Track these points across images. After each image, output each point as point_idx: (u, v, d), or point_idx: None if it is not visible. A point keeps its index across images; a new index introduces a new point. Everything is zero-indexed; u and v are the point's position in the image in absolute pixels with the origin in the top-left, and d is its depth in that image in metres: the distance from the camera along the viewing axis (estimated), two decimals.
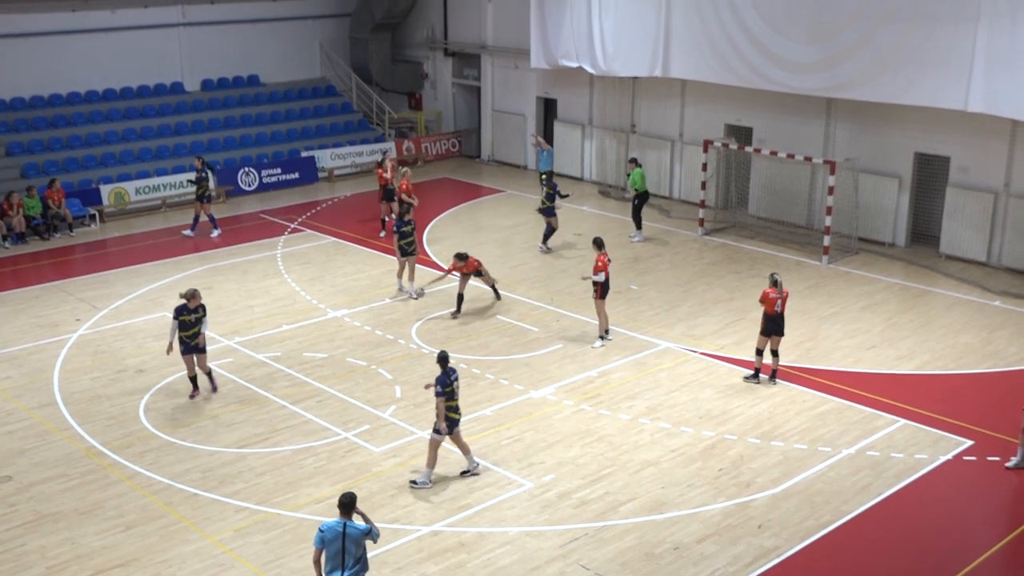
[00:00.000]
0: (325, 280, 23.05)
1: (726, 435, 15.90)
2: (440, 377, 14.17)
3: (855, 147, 25.62)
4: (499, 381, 17.78)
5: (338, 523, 10.56)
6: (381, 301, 21.64)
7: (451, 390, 14.18)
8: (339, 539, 10.49)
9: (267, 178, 31.16)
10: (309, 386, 17.58)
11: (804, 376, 18.00)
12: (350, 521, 10.58)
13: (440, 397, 14.08)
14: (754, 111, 27.61)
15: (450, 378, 14.19)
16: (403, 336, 19.80)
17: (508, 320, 20.63)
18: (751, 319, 20.60)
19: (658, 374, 18.10)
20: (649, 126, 30.38)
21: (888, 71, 23.50)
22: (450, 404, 14.24)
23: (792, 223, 26.74)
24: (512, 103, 34.06)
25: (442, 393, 14.09)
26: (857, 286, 22.66)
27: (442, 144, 35.72)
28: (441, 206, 29.36)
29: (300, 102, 35.00)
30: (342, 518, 10.60)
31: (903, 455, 15.28)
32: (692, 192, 28.73)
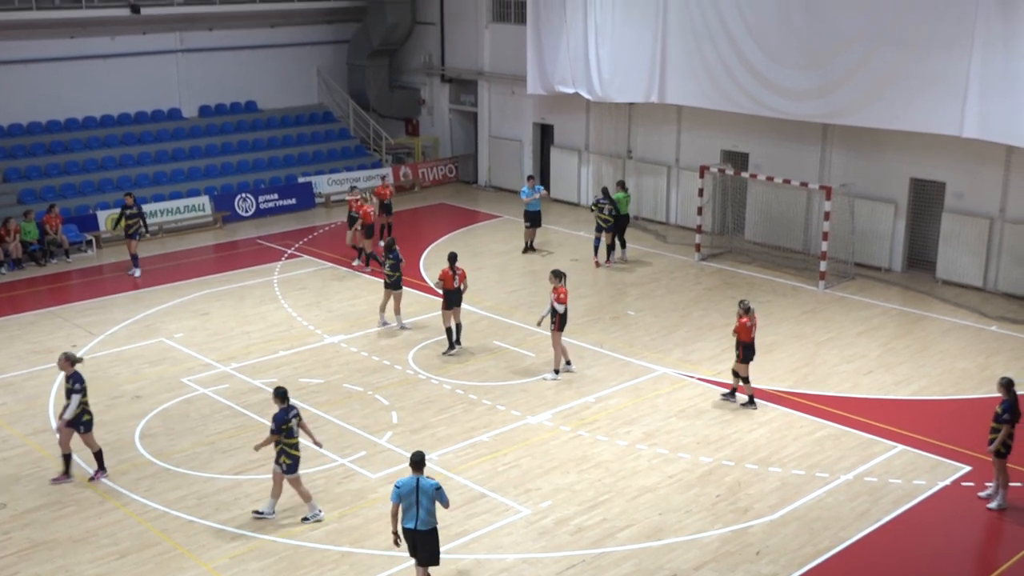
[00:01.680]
0: (322, 306, 23.04)
1: (724, 461, 15.86)
2: (278, 414, 13.76)
3: (851, 173, 25.71)
4: (496, 407, 17.75)
5: (412, 479, 11.99)
6: (378, 327, 21.61)
7: (289, 427, 13.75)
8: (413, 493, 11.93)
9: (264, 204, 31.20)
10: (305, 412, 17.50)
11: (801, 402, 17.99)
12: (422, 476, 11.96)
13: (275, 434, 13.74)
14: (750, 137, 27.72)
15: (288, 415, 13.76)
16: (400, 362, 19.76)
17: (505, 345, 20.61)
18: None
19: (655, 400, 18.08)
20: (645, 152, 30.48)
21: (883, 97, 23.62)
22: (290, 442, 13.81)
23: (788, 248, 26.79)
24: (509, 129, 34.18)
25: (278, 431, 13.70)
26: (854, 311, 22.68)
27: (439, 170, 35.80)
28: (438, 232, 29.39)
29: (297, 128, 35.09)
30: (415, 474, 11.99)
31: (901, 481, 15.25)
32: (688, 217, 28.79)
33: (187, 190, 30.82)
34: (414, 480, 12.02)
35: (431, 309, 22.46)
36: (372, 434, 16.71)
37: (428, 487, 11.96)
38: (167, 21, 32.31)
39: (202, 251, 27.09)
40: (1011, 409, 14.32)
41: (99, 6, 30.84)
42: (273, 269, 25.64)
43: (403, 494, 12.00)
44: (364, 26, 36.04)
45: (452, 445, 16.16)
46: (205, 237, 28.97)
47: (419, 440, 16.32)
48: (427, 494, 11.94)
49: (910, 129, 23.64)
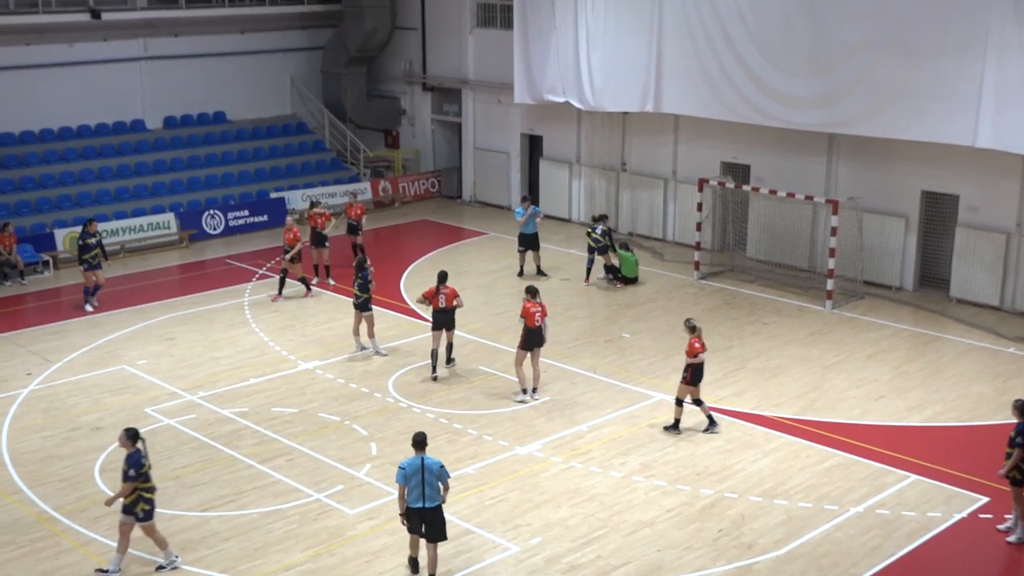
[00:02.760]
0: (296, 330, 23.00)
1: (726, 493, 15.86)
2: (133, 457, 13.36)
3: (859, 185, 25.83)
4: (482, 437, 17.73)
5: (416, 459, 13.11)
6: (356, 352, 21.58)
7: (146, 471, 13.48)
8: (419, 472, 13.04)
9: (234, 221, 31.18)
10: (278, 443, 17.47)
11: (808, 429, 18.01)
12: (426, 456, 13.10)
13: (130, 482, 13.33)
14: (751, 148, 27.84)
15: (143, 458, 13.42)
16: (379, 389, 19.73)
17: (491, 371, 20.60)
18: (752, 368, 20.66)
19: (652, 428, 18.08)
20: (641, 164, 30.58)
21: (892, 105, 23.77)
22: (146, 487, 13.51)
23: (793, 266, 26.88)
24: (495, 140, 34.26)
25: (136, 476, 13.32)
26: (863, 333, 22.74)
27: (421, 184, 35.85)
28: (420, 250, 29.41)
29: (269, 140, 35.11)
30: (418, 454, 13.11)
31: (915, 513, 15.27)
32: (687, 234, 28.88)
33: (151, 207, 30.78)
34: (419, 460, 13.13)
35: (412, 332, 22.45)
36: (350, 467, 16.66)
37: (432, 465, 13.15)
38: (130, 27, 32.34)
39: (167, 272, 27.03)
40: (1021, 432, 14.33)
41: (57, 11, 30.88)
42: (243, 291, 25.58)
43: (409, 474, 13.08)
44: (340, 32, 36.15)
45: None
46: (170, 257, 28.92)
47: None
48: (432, 472, 13.12)
49: (921, 139, 23.78)
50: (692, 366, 17.59)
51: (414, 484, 13.11)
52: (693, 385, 17.70)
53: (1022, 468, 14.38)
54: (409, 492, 13.15)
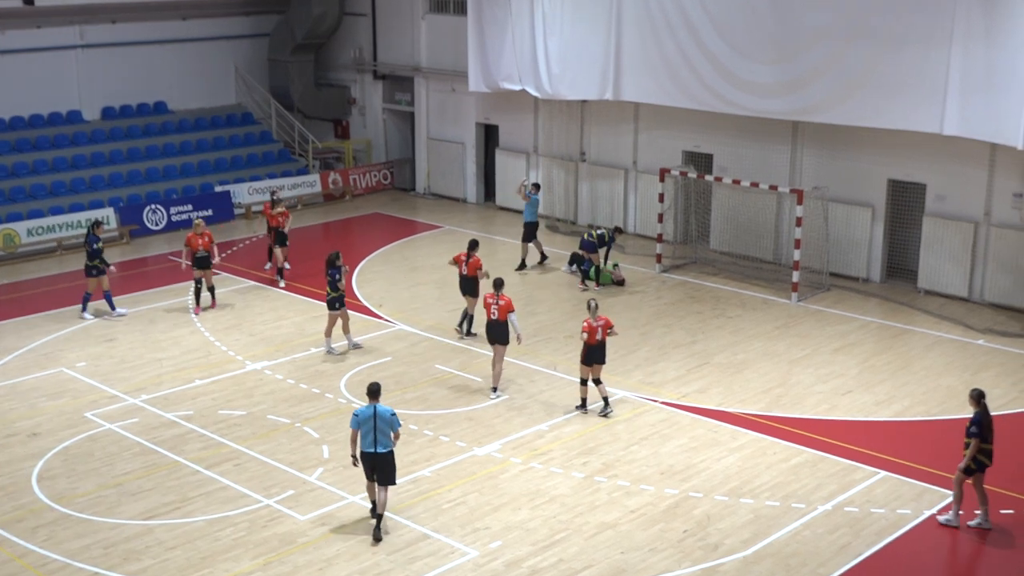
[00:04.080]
0: (243, 329, 22.85)
1: (690, 492, 15.93)
2: None
3: (824, 175, 26.02)
4: (439, 438, 17.69)
5: (369, 407, 14.53)
6: (306, 351, 21.47)
7: None
8: (371, 419, 14.44)
9: (176, 216, 30.91)
10: (226, 448, 17.35)
11: (774, 426, 18.12)
12: (379, 404, 14.53)
13: None
14: (714, 137, 27.96)
15: None
16: (331, 390, 19.64)
17: (448, 370, 20.56)
18: (716, 364, 20.76)
19: (615, 427, 18.12)
20: (600, 154, 30.63)
21: (858, 93, 23.95)
22: None
23: (758, 258, 27.04)
24: (449, 130, 34.19)
25: None
26: (830, 326, 22.92)
27: (372, 176, 35.71)
28: (372, 244, 29.29)
29: (213, 131, 34.84)
30: (372, 403, 14.54)
31: (884, 510, 15.41)
32: (648, 225, 28.97)
33: (89, 201, 30.43)
34: (372, 408, 14.52)
35: (365, 330, 22.35)
36: (301, 471, 16.57)
37: (384, 413, 14.52)
38: (65, 13, 31.94)
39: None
40: (979, 423, 14.66)
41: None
42: (188, 289, 25.38)
43: (362, 420, 14.50)
44: (286, 18, 35.92)
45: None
46: (110, 254, 28.49)
47: (354, 476, 16.20)
48: (384, 419, 14.46)
49: (887, 127, 23.98)
50: (587, 347, 18.21)
51: (366, 430, 14.48)
52: (585, 364, 18.34)
53: (978, 458, 14.68)
54: (362, 438, 14.54)
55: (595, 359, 18.44)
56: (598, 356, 18.44)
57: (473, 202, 33.91)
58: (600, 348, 18.41)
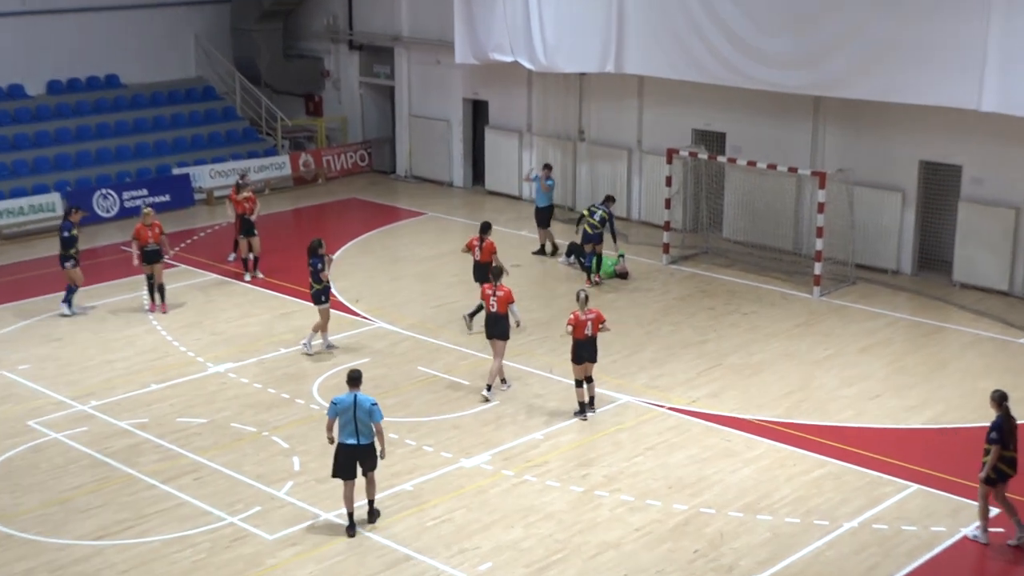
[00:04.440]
0: (204, 327, 22.80)
1: (702, 508, 15.91)
2: None
3: (849, 156, 26.01)
4: (422, 448, 17.66)
5: (349, 396, 14.82)
6: (275, 352, 21.42)
7: None
8: (350, 409, 14.77)
9: (130, 201, 30.84)
10: (185, 459, 17.30)
11: (794, 434, 18.11)
12: (359, 393, 14.82)
13: None
14: (727, 114, 27.94)
15: None
16: (302, 395, 19.59)
17: (433, 372, 20.52)
18: (730, 365, 20.75)
19: (618, 435, 18.09)
20: (601, 133, 30.59)
21: (885, 65, 23.92)
22: None
23: (776, 248, 27.03)
24: (433, 106, 34.13)
25: None
26: (856, 323, 22.92)
27: (348, 157, 35.65)
28: (348, 233, 29.24)
29: (171, 107, 34.77)
30: (352, 391, 14.83)
31: (916, 528, 15.40)
32: (654, 212, 28.94)
33: (32, 186, 30.34)
34: (351, 397, 14.81)
35: (338, 329, 22.29)
36: (268, 485, 16.54)
37: (365, 402, 14.78)
38: None
39: (52, 261, 26.51)
40: (1000, 427, 14.73)
41: None
42: (142, 282, 25.29)
43: (341, 410, 14.82)
44: None
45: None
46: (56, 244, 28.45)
47: (327, 491, 16.16)
48: (364, 409, 14.75)
49: (918, 103, 23.96)
50: (576, 343, 18.32)
51: (345, 420, 14.82)
52: (575, 363, 18.44)
53: (999, 467, 14.73)
54: (341, 428, 14.88)
55: (585, 356, 18.48)
56: (588, 353, 18.48)
57: (460, 186, 33.86)
58: (590, 344, 18.45)
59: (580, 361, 18.47)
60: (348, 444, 14.87)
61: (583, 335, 18.32)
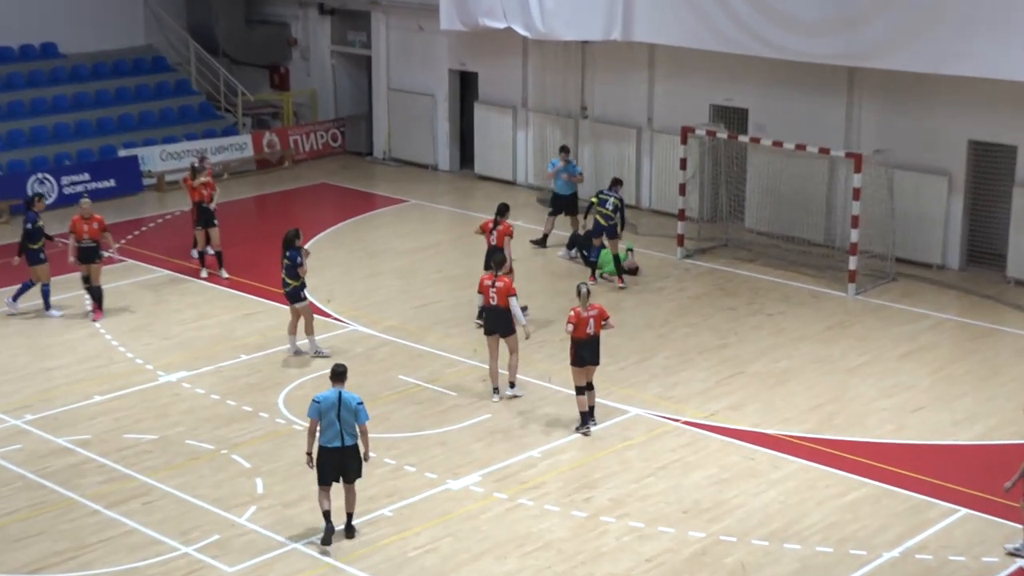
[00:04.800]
0: (155, 330, 22.80)
1: (721, 536, 15.93)
2: None
3: (888, 135, 26.03)
4: (403, 467, 17.65)
5: (333, 392, 15.19)
6: (234, 359, 21.41)
7: None
8: (334, 408, 15.09)
9: (69, 188, 30.82)
10: (133, 481, 17.28)
11: (826, 451, 18.11)
12: (344, 390, 15.19)
13: None
14: (750, 87, 27.96)
15: None
16: (266, 407, 19.59)
17: (415, 381, 20.52)
18: (753, 373, 20.77)
19: (625, 453, 18.10)
20: (606, 109, 30.60)
21: (929, 31, 23.92)
22: None
23: (805, 240, 27.05)
24: (416, 79, 34.12)
25: None
26: (896, 325, 22.96)
27: (318, 137, 35.65)
28: (317, 224, 29.22)
29: (116, 81, 34.77)
30: (336, 387, 15.21)
31: (965, 558, 15.42)
32: (667, 199, 28.95)
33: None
34: (335, 394, 15.16)
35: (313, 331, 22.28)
36: (228, 510, 16.53)
37: (351, 401, 15.15)
38: None
39: None
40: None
41: None
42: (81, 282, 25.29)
43: (323, 409, 15.12)
44: None
45: (342, 523, 16.02)
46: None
47: (295, 516, 16.18)
48: (349, 409, 15.11)
49: (967, 74, 23.97)
50: (576, 343, 18.44)
51: (328, 422, 15.10)
52: (576, 366, 18.53)
53: None
54: (324, 431, 15.14)
55: (588, 358, 18.54)
56: (591, 354, 18.56)
57: (446, 169, 33.87)
58: (593, 344, 18.53)
59: (582, 364, 18.53)
60: (332, 448, 15.20)
61: (585, 334, 18.39)
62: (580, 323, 18.34)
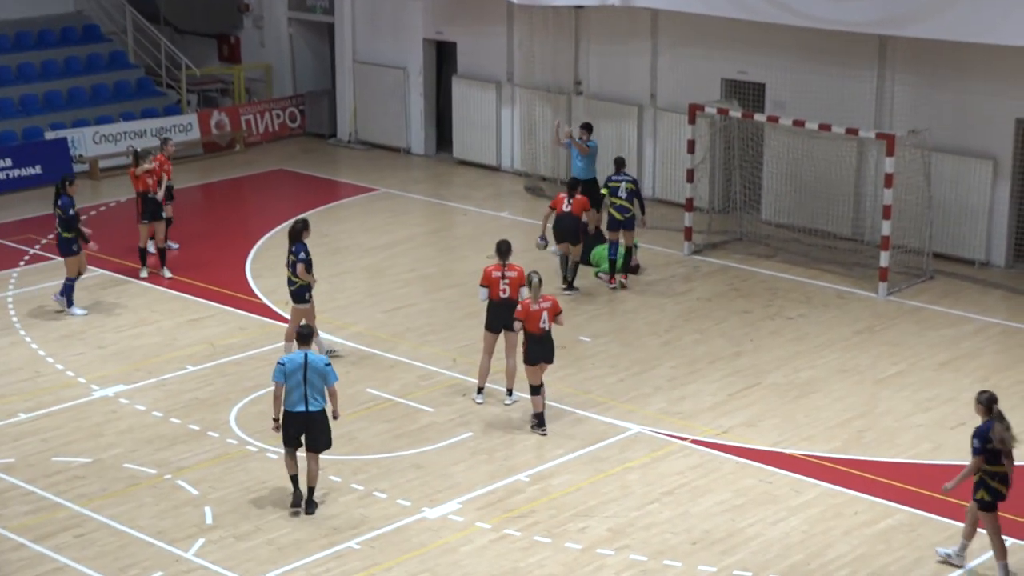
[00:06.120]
0: (88, 338, 22.80)
1: (735, 571, 15.98)
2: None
3: (925, 113, 26.04)
4: (372, 494, 17.67)
5: (299, 354, 16.34)
6: (179, 370, 21.42)
7: None
8: (300, 370, 16.22)
9: None
10: (63, 511, 17.26)
11: (854, 473, 18.15)
12: (311, 352, 16.37)
13: None
14: (768, 59, 27.95)
15: None
16: (216, 426, 19.59)
17: (385, 395, 20.54)
18: (771, 385, 20.83)
19: (626, 476, 18.14)
20: (603, 84, 30.64)
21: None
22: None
23: (830, 233, 27.12)
24: (385, 50, 34.11)
25: None
26: (933, 329, 23.03)
27: (274, 117, 35.62)
28: (273, 216, 29.22)
29: (42, 52, 34.75)
30: (302, 348, 16.36)
31: None
32: (672, 187, 29.03)
33: None
34: (301, 355, 16.30)
35: (263, 340, 22.32)
36: (172, 544, 16.52)
37: (317, 362, 16.30)
38: None
39: None
40: (983, 435, 15.12)
41: None
42: (6, 280, 25.27)
43: (289, 371, 16.23)
44: None
45: (302, 558, 16.09)
46: None
47: (249, 550, 16.20)
48: (316, 371, 16.27)
49: (1013, 43, 24.07)
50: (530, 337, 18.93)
51: (294, 383, 16.25)
52: (529, 364, 19.02)
53: (991, 485, 15.18)
54: (289, 393, 16.31)
55: (541, 355, 19.02)
56: (545, 351, 19.08)
57: (420, 153, 33.86)
58: (547, 340, 19.06)
59: (535, 361, 19.03)
60: (297, 412, 16.37)
61: (538, 329, 18.88)
62: (531, 317, 18.77)
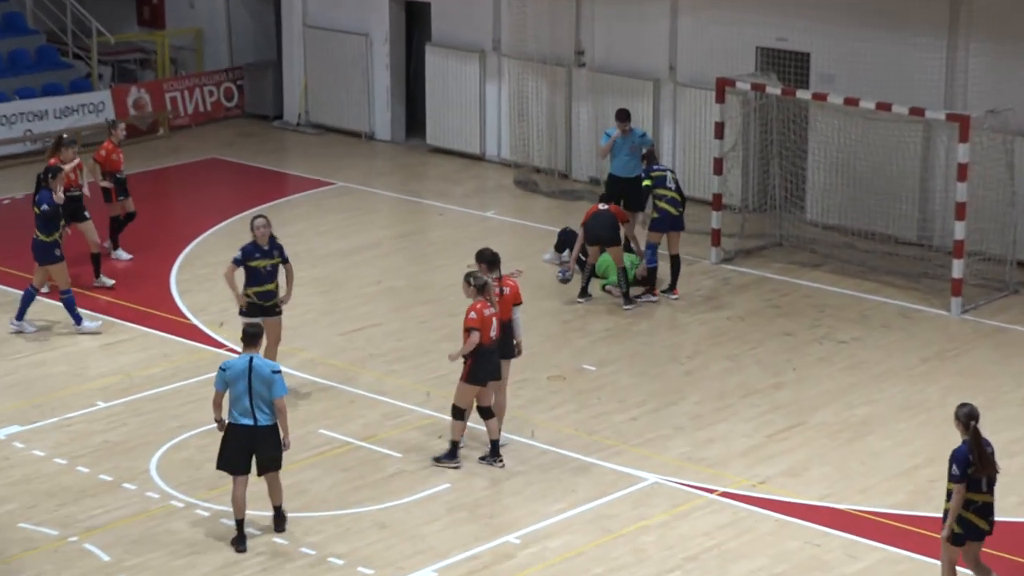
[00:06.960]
0: None
1: None
2: None
3: (1007, 90, 26.07)
4: (326, 559, 17.61)
5: (243, 359, 16.79)
6: (88, 407, 21.37)
7: None
8: (244, 377, 16.63)
9: None
10: None
11: (923, 534, 18.08)
12: (257, 356, 16.89)
13: None
14: (812, 24, 28.00)
15: None
16: (132, 476, 19.53)
17: (343, 438, 20.51)
18: (818, 425, 20.81)
19: (640, 537, 18.09)
20: (610, 54, 30.70)
21: None
22: None
23: (890, 237, 27.13)
24: (344, 13, 34.18)
25: None
26: (1018, 355, 23.04)
27: (207, 94, 35.66)
28: (205, 217, 29.25)
29: None
30: (247, 352, 16.84)
31: None
32: (697, 180, 29.06)
33: None
34: (245, 360, 16.76)
35: (193, 370, 22.24)
36: None
37: (263, 368, 16.71)
38: None
39: None
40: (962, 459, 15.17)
41: None
42: None
43: (230, 378, 16.77)
44: None
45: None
46: None
47: None
48: (262, 379, 16.63)
49: None
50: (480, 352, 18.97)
51: (238, 393, 16.75)
52: (471, 383, 19.16)
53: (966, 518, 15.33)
54: (232, 404, 16.79)
55: (489, 373, 19.23)
56: (493, 367, 19.30)
57: (386, 139, 33.92)
58: (496, 351, 19.24)
59: (483, 380, 19.25)
60: (242, 425, 16.77)
61: (490, 340, 19.04)
62: (485, 325, 18.94)
